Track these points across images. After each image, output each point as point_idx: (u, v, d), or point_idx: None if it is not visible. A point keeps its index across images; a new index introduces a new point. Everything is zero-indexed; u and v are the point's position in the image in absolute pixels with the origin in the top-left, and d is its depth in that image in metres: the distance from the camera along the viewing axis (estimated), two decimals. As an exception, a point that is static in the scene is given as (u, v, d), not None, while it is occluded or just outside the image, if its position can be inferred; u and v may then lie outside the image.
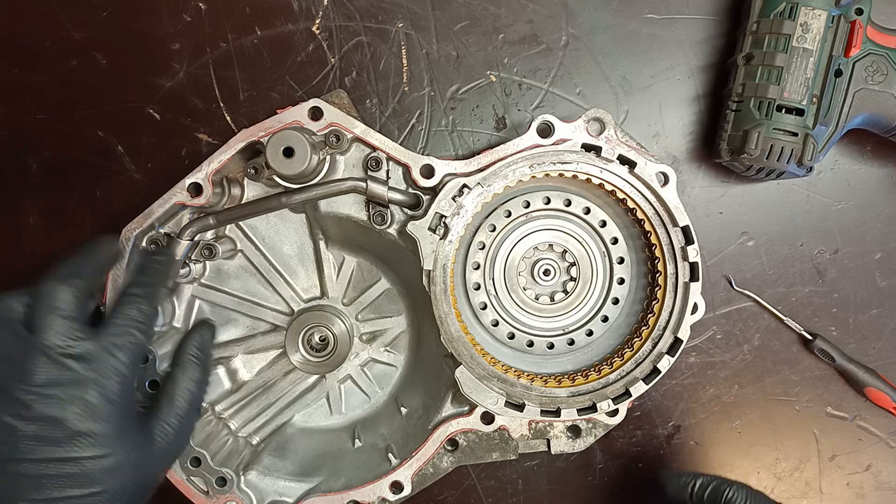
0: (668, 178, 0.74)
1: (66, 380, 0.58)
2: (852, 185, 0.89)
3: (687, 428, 0.91)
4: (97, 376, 0.60)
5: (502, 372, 0.75)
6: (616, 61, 0.87)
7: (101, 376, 0.60)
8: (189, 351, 0.72)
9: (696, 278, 0.74)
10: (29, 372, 0.58)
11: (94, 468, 0.58)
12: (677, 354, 0.75)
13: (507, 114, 0.88)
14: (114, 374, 0.61)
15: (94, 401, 0.59)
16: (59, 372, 0.58)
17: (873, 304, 0.90)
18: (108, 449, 0.59)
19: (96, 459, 0.58)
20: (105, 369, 0.60)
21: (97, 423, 0.59)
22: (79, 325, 0.61)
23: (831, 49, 0.78)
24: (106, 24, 0.86)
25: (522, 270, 0.81)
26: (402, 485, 0.77)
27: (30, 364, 0.58)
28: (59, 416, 0.57)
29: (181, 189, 0.74)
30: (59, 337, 0.59)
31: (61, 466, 0.57)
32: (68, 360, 0.59)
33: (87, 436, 0.58)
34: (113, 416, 0.60)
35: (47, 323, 0.59)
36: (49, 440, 0.57)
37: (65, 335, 0.59)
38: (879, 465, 0.93)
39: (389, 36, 0.87)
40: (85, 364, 0.59)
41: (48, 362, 0.58)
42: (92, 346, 0.60)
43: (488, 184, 0.73)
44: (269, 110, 0.78)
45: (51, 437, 0.57)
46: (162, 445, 0.65)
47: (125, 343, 0.63)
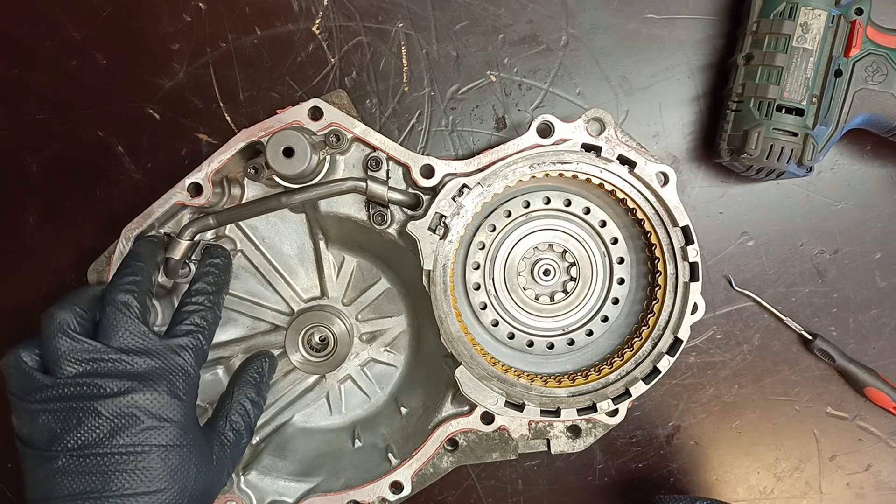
0: (668, 178, 0.74)
1: (137, 374, 0.60)
2: (852, 185, 0.89)
3: (687, 428, 0.92)
4: (166, 374, 0.61)
5: (502, 372, 0.75)
6: (616, 61, 0.87)
7: (170, 374, 0.61)
8: (248, 372, 0.72)
9: (696, 278, 0.74)
10: (102, 372, 0.59)
11: (161, 464, 0.59)
12: (677, 354, 0.75)
13: (507, 114, 0.88)
14: (181, 373, 0.62)
15: (162, 396, 0.60)
16: (131, 368, 0.60)
17: (873, 304, 0.90)
18: (175, 442, 0.60)
19: (165, 450, 0.59)
20: (172, 368, 0.62)
21: (165, 418, 0.60)
22: (146, 327, 0.63)
23: (831, 49, 0.78)
24: (106, 24, 0.86)
25: (522, 270, 0.81)
26: (402, 485, 0.77)
27: (103, 365, 0.60)
28: (130, 410, 0.58)
29: (181, 189, 0.74)
30: (130, 337, 0.61)
31: (129, 460, 0.58)
32: (138, 359, 0.61)
33: (158, 428, 0.59)
34: (180, 413, 0.61)
35: (117, 325, 0.62)
36: (122, 433, 0.58)
37: (135, 335, 0.62)
38: (879, 465, 0.93)
39: (389, 36, 0.87)
40: (154, 362, 0.61)
41: (119, 362, 0.60)
42: (160, 345, 0.62)
43: (488, 184, 0.73)
44: (269, 110, 0.78)
45: (122, 430, 0.58)
46: (220, 456, 0.65)
47: (190, 344, 0.64)
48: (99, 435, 0.58)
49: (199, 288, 0.69)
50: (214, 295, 0.69)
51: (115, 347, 0.61)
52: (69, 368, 0.59)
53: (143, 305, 0.64)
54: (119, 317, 0.62)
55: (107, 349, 0.60)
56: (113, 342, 0.61)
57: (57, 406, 0.58)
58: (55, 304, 0.62)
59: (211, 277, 0.71)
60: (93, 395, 0.58)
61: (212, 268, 0.72)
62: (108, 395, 0.58)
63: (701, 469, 0.92)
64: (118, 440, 0.58)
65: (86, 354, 0.60)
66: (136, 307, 0.63)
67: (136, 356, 0.61)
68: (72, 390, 0.58)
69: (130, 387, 0.59)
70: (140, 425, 0.59)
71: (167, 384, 0.61)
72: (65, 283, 0.88)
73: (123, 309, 0.62)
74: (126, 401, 0.58)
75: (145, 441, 0.58)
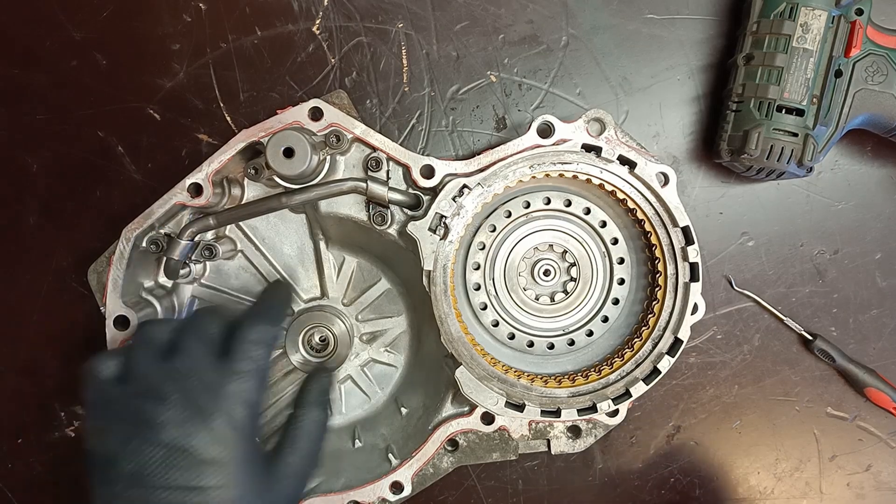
0: (669, 179, 0.74)
1: (194, 405, 0.58)
2: (852, 185, 0.89)
3: (687, 428, 0.92)
4: (224, 405, 0.59)
5: (502, 372, 0.75)
6: (616, 61, 0.87)
7: (230, 405, 0.59)
8: (312, 393, 0.70)
9: (697, 279, 0.74)
10: (161, 397, 0.58)
11: (217, 499, 0.56)
12: (677, 355, 0.75)
13: (508, 114, 0.88)
14: (240, 402, 0.60)
15: (220, 429, 0.58)
16: (188, 398, 0.58)
17: (873, 304, 0.90)
18: (233, 479, 0.57)
19: (219, 490, 0.57)
20: (232, 397, 0.60)
21: (223, 452, 0.58)
22: (212, 353, 0.62)
23: (831, 49, 0.78)
24: (106, 24, 0.86)
25: (522, 271, 0.81)
26: (403, 485, 0.77)
27: (162, 389, 0.59)
28: (185, 443, 0.57)
29: (181, 189, 0.74)
30: (191, 361, 0.60)
31: (185, 495, 0.56)
32: (200, 387, 0.59)
33: (213, 464, 0.57)
34: (239, 445, 0.59)
35: (187, 348, 0.61)
36: (175, 467, 0.56)
37: (197, 358, 0.61)
38: (879, 465, 0.93)
39: (389, 36, 0.87)
40: (213, 393, 0.59)
41: (178, 388, 0.59)
42: (217, 375, 0.60)
43: (488, 184, 0.73)
44: (270, 110, 0.78)
45: (177, 464, 0.56)
46: (283, 486, 0.63)
47: (250, 370, 0.61)
48: (153, 464, 0.56)
49: (259, 319, 0.66)
50: (274, 324, 0.67)
51: (182, 369, 0.60)
52: (136, 385, 0.59)
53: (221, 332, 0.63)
54: (196, 343, 0.62)
55: (176, 372, 0.59)
56: (179, 362, 0.60)
57: (120, 428, 0.58)
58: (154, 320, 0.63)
59: (272, 309, 0.69)
60: (149, 421, 0.57)
61: (269, 290, 0.71)
62: (167, 423, 0.57)
63: (701, 469, 0.92)
64: (173, 474, 0.56)
65: (156, 371, 0.59)
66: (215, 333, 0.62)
67: (200, 384, 0.59)
68: (135, 406, 0.58)
69: (187, 417, 0.57)
70: (196, 461, 0.56)
71: (225, 418, 0.58)
72: (65, 283, 0.88)
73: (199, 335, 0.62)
74: (183, 431, 0.57)
75: (200, 478, 0.56)
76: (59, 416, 0.89)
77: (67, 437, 0.90)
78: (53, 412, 0.89)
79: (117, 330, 0.74)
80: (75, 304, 0.88)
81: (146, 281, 0.78)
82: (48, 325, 0.89)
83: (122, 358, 0.62)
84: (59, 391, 0.89)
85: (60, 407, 0.89)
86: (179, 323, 0.65)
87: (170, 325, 0.64)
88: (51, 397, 0.89)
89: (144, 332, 0.64)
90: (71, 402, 0.89)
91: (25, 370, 0.89)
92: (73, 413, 0.89)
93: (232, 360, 0.62)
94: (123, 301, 0.74)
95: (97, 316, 0.77)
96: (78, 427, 0.90)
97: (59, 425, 0.90)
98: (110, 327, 0.74)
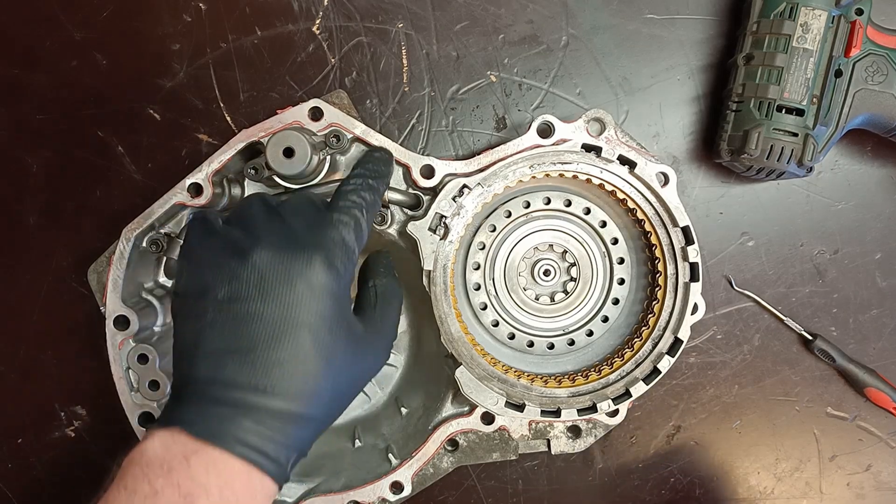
0: (669, 179, 0.74)
1: (294, 240, 0.58)
2: (852, 185, 0.89)
3: (687, 428, 0.92)
4: (325, 243, 0.59)
5: (502, 372, 0.75)
6: (616, 61, 0.87)
7: (329, 244, 0.59)
8: (380, 266, 0.70)
9: (697, 279, 0.74)
10: (262, 232, 0.59)
11: (308, 335, 0.55)
12: (677, 355, 0.75)
13: (508, 114, 0.88)
14: (340, 245, 0.59)
15: (319, 264, 0.57)
16: (288, 234, 0.59)
17: (873, 304, 0.90)
18: (325, 313, 0.56)
19: (313, 321, 0.55)
20: (332, 239, 0.59)
21: (319, 286, 0.56)
22: (314, 204, 0.63)
23: (831, 49, 0.78)
24: (106, 24, 0.86)
25: (523, 271, 0.81)
26: (403, 485, 0.77)
27: (265, 225, 0.60)
28: (282, 269, 0.56)
29: (181, 189, 0.74)
30: (294, 207, 0.62)
31: (278, 323, 0.55)
32: (302, 223, 0.60)
33: (307, 296, 0.56)
34: (334, 285, 0.57)
35: (292, 199, 0.63)
36: (270, 295, 0.55)
37: (300, 205, 0.62)
38: (880, 465, 0.93)
39: (389, 36, 0.87)
40: (316, 231, 0.60)
41: (280, 227, 0.60)
42: (322, 216, 0.61)
43: (488, 184, 0.73)
44: (269, 110, 0.78)
45: (272, 290, 0.55)
46: (371, 340, 0.63)
47: (349, 220, 0.61)
48: (248, 289, 0.55)
49: (359, 171, 0.67)
50: (373, 179, 0.67)
51: (284, 211, 0.60)
52: (239, 223, 0.60)
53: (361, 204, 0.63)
54: (300, 196, 0.63)
55: (277, 211, 0.61)
56: (282, 208, 0.61)
57: (218, 257, 0.57)
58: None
59: (371, 164, 0.69)
60: (249, 248, 0.56)
61: (371, 157, 0.70)
62: (265, 251, 0.56)
63: (701, 469, 0.92)
64: (268, 301, 0.54)
65: (260, 212, 0.60)
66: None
67: (301, 223, 0.60)
68: (236, 238, 0.58)
69: (286, 248, 0.56)
70: (292, 290, 0.55)
71: (324, 254, 0.57)
72: (65, 284, 0.88)
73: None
74: (280, 258, 0.56)
75: (295, 306, 0.55)
76: (59, 416, 0.89)
77: (67, 437, 0.90)
78: (53, 412, 0.89)
79: (117, 330, 0.74)
80: (75, 304, 0.88)
81: (146, 281, 0.78)
82: (48, 325, 0.89)
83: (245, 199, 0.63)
84: (59, 391, 0.89)
85: (60, 407, 0.89)
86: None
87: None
88: (51, 397, 0.89)
89: (251, 195, 0.65)
90: (71, 402, 0.89)
91: (25, 370, 0.89)
92: (74, 413, 0.89)
93: (334, 209, 0.62)
94: (123, 301, 0.74)
95: (97, 316, 0.77)
96: (78, 427, 0.90)
97: (59, 425, 0.90)
98: (110, 327, 0.74)
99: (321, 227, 0.60)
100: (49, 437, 0.90)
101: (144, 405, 0.75)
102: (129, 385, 0.75)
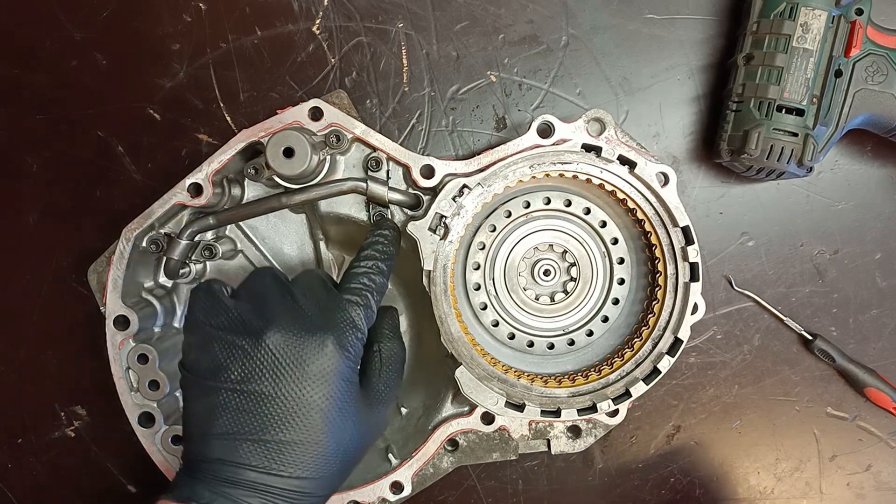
0: (669, 179, 0.74)
1: (310, 322, 0.60)
2: (852, 185, 0.89)
3: (687, 428, 0.92)
4: (336, 326, 0.60)
5: (502, 372, 0.75)
6: (616, 61, 0.87)
7: (340, 327, 0.60)
8: (385, 327, 0.71)
9: (697, 278, 0.74)
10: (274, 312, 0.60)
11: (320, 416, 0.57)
12: (677, 355, 0.75)
13: (508, 114, 0.88)
14: (350, 327, 0.61)
15: (330, 347, 0.58)
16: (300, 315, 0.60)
17: (873, 304, 0.90)
18: (336, 395, 0.58)
19: (324, 403, 0.57)
20: (343, 321, 0.61)
21: (330, 369, 0.58)
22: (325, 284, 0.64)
23: (831, 49, 0.78)
24: (106, 24, 0.86)
25: (523, 271, 0.81)
26: (403, 485, 0.77)
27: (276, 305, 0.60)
28: (295, 353, 0.57)
29: (181, 189, 0.74)
30: (305, 286, 0.63)
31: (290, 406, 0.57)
32: (314, 307, 0.61)
33: (320, 376, 0.58)
34: (345, 367, 0.59)
35: (301, 277, 0.65)
36: (283, 375, 0.57)
37: (311, 285, 0.64)
38: (879, 465, 0.93)
39: (389, 36, 0.87)
40: (326, 314, 0.61)
41: (291, 306, 0.60)
42: (333, 299, 0.62)
43: (488, 184, 0.73)
44: (269, 110, 0.78)
45: (285, 374, 0.57)
46: (376, 412, 0.64)
47: (359, 301, 0.63)
48: (261, 370, 0.56)
49: (368, 254, 0.69)
50: (382, 262, 0.69)
51: (295, 291, 0.62)
52: (250, 300, 0.61)
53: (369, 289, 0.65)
54: (310, 275, 0.65)
55: (288, 289, 0.62)
56: (293, 286, 0.63)
57: (230, 337, 0.58)
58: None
59: (380, 246, 0.70)
60: (262, 328, 0.57)
61: (380, 237, 0.71)
62: (279, 334, 0.57)
63: (701, 469, 0.92)
64: (280, 384, 0.56)
65: (272, 289, 0.62)
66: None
67: (313, 304, 0.61)
68: (248, 317, 0.59)
69: (299, 330, 0.58)
70: (304, 372, 0.57)
71: (336, 336, 0.59)
72: (65, 283, 0.88)
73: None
74: (293, 341, 0.57)
75: (307, 390, 0.57)
76: (59, 416, 0.89)
77: (67, 437, 0.90)
78: (53, 412, 0.89)
79: (117, 330, 0.74)
80: (75, 304, 0.88)
81: (146, 281, 0.78)
82: (48, 325, 0.89)
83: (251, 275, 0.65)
84: (59, 391, 0.89)
85: (60, 407, 0.89)
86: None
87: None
88: (51, 397, 0.89)
89: (260, 269, 0.67)
90: (71, 402, 0.89)
91: (25, 370, 0.89)
92: (73, 413, 0.90)
93: (345, 291, 0.64)
94: (123, 301, 0.74)
95: (97, 316, 0.77)
96: (78, 427, 0.90)
97: (59, 425, 0.90)
98: (110, 327, 0.74)
99: (332, 310, 0.61)
100: (49, 437, 0.90)
101: (144, 405, 0.75)
102: (129, 385, 0.75)
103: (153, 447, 0.75)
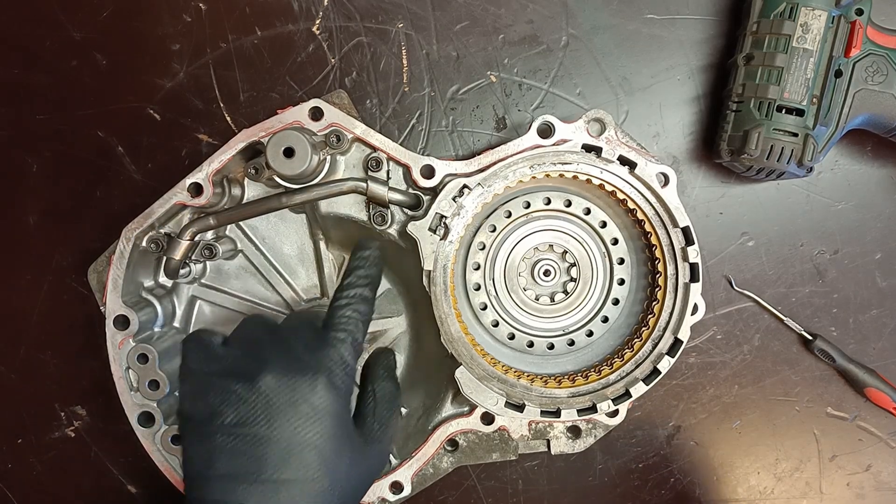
0: (669, 179, 0.74)
1: (297, 363, 0.60)
2: (852, 185, 0.89)
3: (687, 428, 0.92)
4: (325, 365, 0.61)
5: (502, 373, 0.75)
6: (616, 61, 0.87)
7: (329, 365, 0.61)
8: (380, 369, 0.73)
9: (697, 279, 0.74)
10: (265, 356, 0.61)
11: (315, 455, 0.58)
12: (677, 355, 0.75)
13: (508, 114, 0.88)
14: (339, 364, 0.62)
15: (321, 387, 0.59)
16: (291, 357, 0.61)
17: (873, 304, 0.90)
18: (330, 433, 0.59)
19: (318, 441, 0.58)
20: (331, 359, 0.62)
21: (323, 408, 0.59)
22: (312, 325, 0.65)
23: (831, 49, 0.78)
24: (106, 24, 0.86)
25: (523, 271, 0.81)
26: (402, 485, 0.77)
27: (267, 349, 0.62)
28: (288, 395, 0.58)
29: (181, 189, 0.74)
30: (293, 329, 0.64)
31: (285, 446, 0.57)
32: (302, 348, 0.62)
33: (312, 418, 0.58)
34: (337, 405, 0.60)
35: (289, 321, 0.66)
36: (277, 417, 0.58)
37: (299, 327, 0.65)
38: (879, 465, 0.93)
39: (389, 36, 0.87)
40: (315, 353, 0.62)
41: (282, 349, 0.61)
42: (320, 338, 0.63)
43: (488, 184, 0.73)
44: (270, 110, 0.78)
45: (279, 415, 0.58)
46: (371, 449, 0.66)
47: (346, 337, 0.64)
48: (255, 413, 0.57)
49: (350, 282, 0.68)
50: (365, 287, 0.69)
51: (284, 334, 0.63)
52: (240, 347, 0.62)
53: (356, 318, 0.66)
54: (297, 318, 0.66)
55: (277, 334, 0.63)
56: (282, 330, 0.64)
57: (224, 382, 0.59)
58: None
59: (361, 271, 0.70)
60: (255, 373, 0.58)
61: (360, 260, 0.71)
62: (271, 377, 0.58)
63: (701, 469, 0.92)
64: (275, 425, 0.57)
65: (262, 335, 0.63)
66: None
67: (302, 346, 0.62)
68: (240, 363, 0.60)
69: (291, 373, 0.59)
70: (297, 412, 0.58)
71: (326, 375, 0.60)
72: (65, 283, 0.88)
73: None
74: (286, 384, 0.58)
75: (301, 429, 0.58)
76: (59, 416, 0.89)
77: (67, 437, 0.90)
78: (53, 412, 0.89)
79: (117, 330, 0.74)
80: (75, 304, 0.88)
81: (146, 281, 0.78)
82: (48, 325, 0.89)
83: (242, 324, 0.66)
84: (59, 391, 0.89)
85: (60, 407, 0.89)
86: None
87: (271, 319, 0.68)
88: (51, 397, 0.89)
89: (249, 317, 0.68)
90: (71, 402, 0.89)
91: (25, 370, 0.89)
92: (73, 413, 0.90)
93: (330, 328, 0.64)
94: (123, 301, 0.74)
95: (97, 316, 0.77)
96: (78, 427, 0.90)
97: (59, 425, 0.90)
98: (110, 327, 0.74)
99: (320, 349, 0.62)
100: (49, 437, 0.90)
101: (144, 405, 0.75)
102: (129, 385, 0.75)
103: (153, 447, 0.75)
